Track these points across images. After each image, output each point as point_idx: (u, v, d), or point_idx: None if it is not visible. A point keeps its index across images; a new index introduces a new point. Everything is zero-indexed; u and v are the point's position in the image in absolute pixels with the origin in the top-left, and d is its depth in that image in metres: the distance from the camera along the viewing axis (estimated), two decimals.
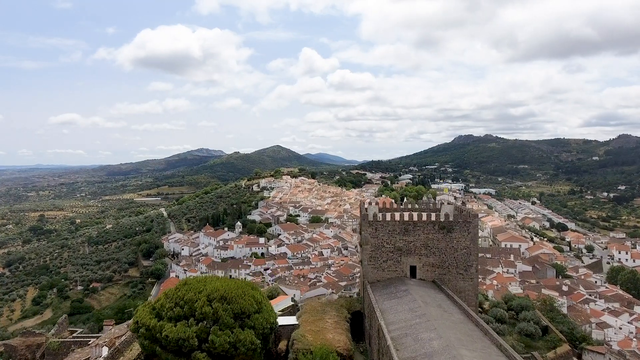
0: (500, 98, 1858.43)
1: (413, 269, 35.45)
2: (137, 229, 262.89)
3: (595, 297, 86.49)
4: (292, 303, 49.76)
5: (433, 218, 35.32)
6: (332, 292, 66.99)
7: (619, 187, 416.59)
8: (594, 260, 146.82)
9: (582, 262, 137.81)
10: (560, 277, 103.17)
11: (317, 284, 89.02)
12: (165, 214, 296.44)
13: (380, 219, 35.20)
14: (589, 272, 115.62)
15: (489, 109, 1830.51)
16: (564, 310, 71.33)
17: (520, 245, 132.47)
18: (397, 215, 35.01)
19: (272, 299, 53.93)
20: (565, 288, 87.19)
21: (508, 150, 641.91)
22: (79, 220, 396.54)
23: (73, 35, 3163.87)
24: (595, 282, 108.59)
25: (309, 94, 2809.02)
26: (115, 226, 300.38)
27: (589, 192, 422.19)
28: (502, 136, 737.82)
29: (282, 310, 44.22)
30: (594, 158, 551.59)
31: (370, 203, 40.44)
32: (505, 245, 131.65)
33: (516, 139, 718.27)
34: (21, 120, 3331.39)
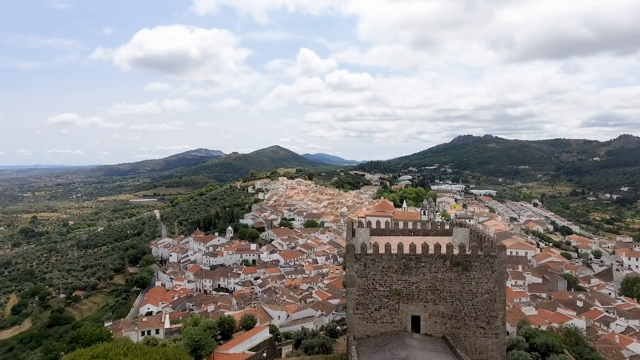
0: (499, 98, 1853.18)
1: (416, 321, 26.48)
2: (128, 232, 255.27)
3: (613, 314, 78.93)
4: (270, 336, 41.99)
5: (443, 250, 26.34)
6: (322, 314, 59.47)
7: (622, 189, 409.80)
8: (603, 267, 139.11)
9: (592, 270, 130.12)
10: (572, 290, 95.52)
11: (308, 300, 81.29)
12: (158, 216, 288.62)
13: (372, 252, 26.40)
14: (602, 282, 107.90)
15: (487, 110, 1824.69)
16: (582, 328, 63.61)
17: (526, 253, 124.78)
18: (394, 242, 26.30)
19: (248, 329, 46.25)
20: (580, 304, 79.57)
21: (508, 150, 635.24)
22: (71, 222, 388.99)
23: (71, 36, 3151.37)
24: (609, 293, 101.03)
25: (307, 95, 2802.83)
26: (106, 229, 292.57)
27: (591, 193, 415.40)
28: (501, 136, 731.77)
29: (255, 349, 36.45)
30: (595, 159, 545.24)
31: (360, 224, 32.23)
32: (511, 252, 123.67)
33: (516, 139, 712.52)
34: (20, 121, 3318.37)
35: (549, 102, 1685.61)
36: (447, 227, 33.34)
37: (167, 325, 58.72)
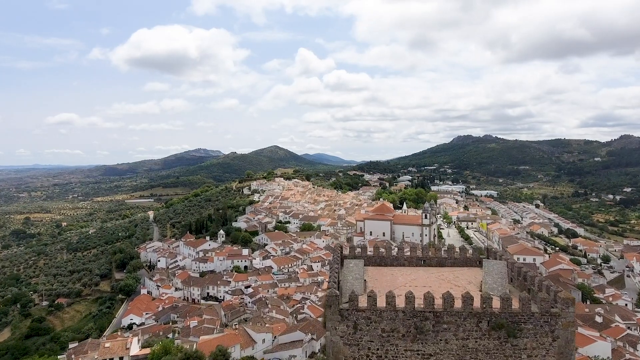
0: (497, 99, 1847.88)
1: None
2: (119, 234, 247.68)
3: (636, 330, 71.78)
4: None
5: (476, 304, 17.31)
6: (312, 338, 52.18)
7: (624, 189, 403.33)
8: (615, 274, 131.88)
9: (605, 277, 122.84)
10: (587, 302, 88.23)
11: (299, 315, 73.92)
12: (151, 217, 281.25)
13: (366, 306, 17.31)
14: (617, 292, 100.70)
15: (486, 110, 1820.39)
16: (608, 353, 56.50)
17: (534, 259, 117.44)
18: (398, 281, 18.18)
19: None
20: (599, 319, 72.32)
21: (508, 150, 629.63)
22: (64, 224, 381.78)
23: (70, 35, 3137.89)
24: (626, 304, 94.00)
25: (306, 95, 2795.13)
26: (98, 231, 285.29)
27: (593, 194, 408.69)
28: (501, 136, 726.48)
29: None
30: (596, 159, 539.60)
31: (352, 249, 24.12)
32: (518, 259, 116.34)
33: (516, 140, 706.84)
34: (19, 120, 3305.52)
35: (547, 103, 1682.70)
36: (469, 253, 25.04)
37: (134, 350, 51.25)
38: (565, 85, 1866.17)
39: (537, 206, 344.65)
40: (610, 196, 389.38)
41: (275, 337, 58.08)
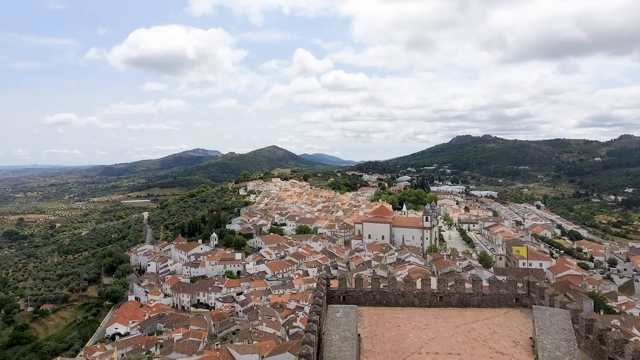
0: (495, 99, 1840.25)
1: None
2: (112, 236, 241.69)
3: None
4: None
5: None
6: None
7: (626, 190, 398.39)
8: (624, 279, 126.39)
9: (614, 283, 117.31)
10: (600, 312, 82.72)
11: (291, 330, 68.31)
12: (145, 218, 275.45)
13: None
14: (630, 299, 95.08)
15: (483, 110, 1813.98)
16: None
17: (541, 264, 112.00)
18: (408, 343, 11.35)
19: None
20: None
21: (508, 150, 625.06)
22: (58, 225, 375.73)
23: (66, 36, 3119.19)
24: None
25: (304, 95, 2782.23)
26: (91, 232, 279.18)
27: (594, 194, 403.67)
28: (499, 136, 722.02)
29: None
30: (597, 159, 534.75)
31: (341, 281, 16.90)
32: (524, 264, 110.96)
33: (515, 139, 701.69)
34: (17, 120, 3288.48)
35: (545, 103, 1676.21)
36: (503, 284, 17.92)
37: None
38: (562, 86, 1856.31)
39: (539, 207, 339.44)
40: (612, 197, 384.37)
41: (262, 357, 52.50)
